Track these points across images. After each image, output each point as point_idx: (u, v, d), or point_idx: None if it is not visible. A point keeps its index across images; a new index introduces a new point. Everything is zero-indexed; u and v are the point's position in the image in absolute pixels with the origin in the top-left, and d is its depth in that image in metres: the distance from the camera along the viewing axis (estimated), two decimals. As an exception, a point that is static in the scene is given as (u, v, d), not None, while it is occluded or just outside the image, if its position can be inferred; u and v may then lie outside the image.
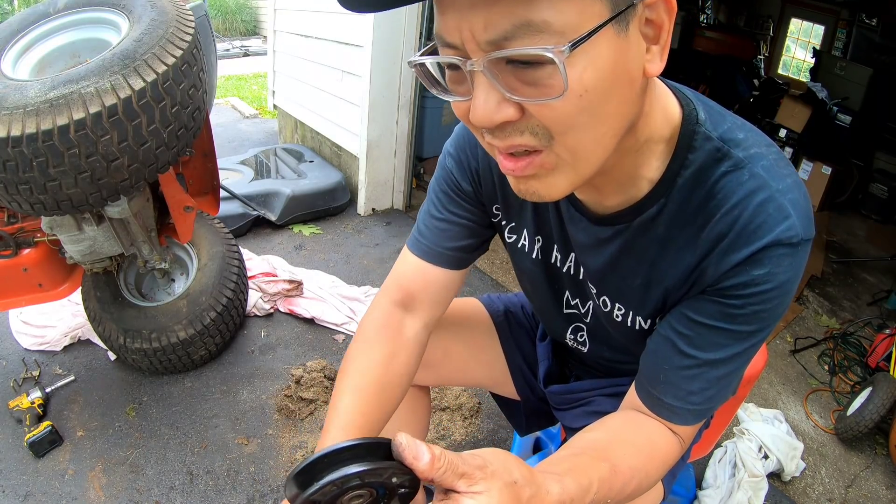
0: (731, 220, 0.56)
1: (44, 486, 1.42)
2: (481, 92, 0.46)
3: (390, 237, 2.93)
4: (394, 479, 0.43)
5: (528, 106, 0.46)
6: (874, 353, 2.28)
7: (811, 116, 4.11)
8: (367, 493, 0.43)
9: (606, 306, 0.74)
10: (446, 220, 0.79)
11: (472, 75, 0.46)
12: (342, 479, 0.40)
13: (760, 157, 0.56)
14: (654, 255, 0.64)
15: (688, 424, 0.66)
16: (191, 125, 1.26)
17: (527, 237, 0.78)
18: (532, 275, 0.82)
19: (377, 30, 2.68)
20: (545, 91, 0.44)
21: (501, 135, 0.49)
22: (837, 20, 5.19)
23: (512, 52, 0.42)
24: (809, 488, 1.69)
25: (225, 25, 10.74)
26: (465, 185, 0.77)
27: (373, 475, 0.41)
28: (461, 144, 0.77)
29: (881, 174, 4.21)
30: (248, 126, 5.04)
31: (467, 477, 0.43)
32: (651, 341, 0.68)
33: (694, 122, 0.58)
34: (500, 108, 0.46)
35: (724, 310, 0.59)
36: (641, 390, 0.68)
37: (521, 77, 0.44)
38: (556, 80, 0.43)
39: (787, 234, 0.54)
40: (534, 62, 0.43)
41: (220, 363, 1.89)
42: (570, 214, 0.69)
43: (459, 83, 0.49)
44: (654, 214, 0.62)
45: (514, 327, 1.07)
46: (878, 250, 3.62)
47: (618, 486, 0.57)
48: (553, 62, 0.42)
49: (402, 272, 0.84)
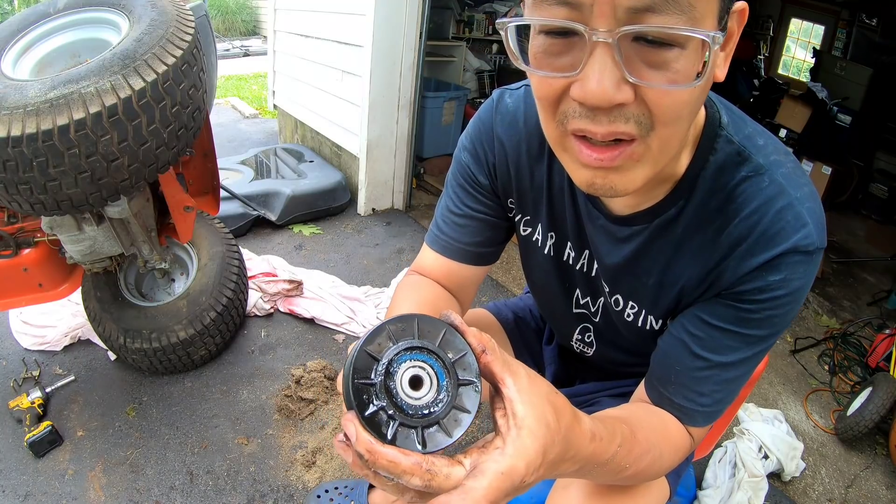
0: (751, 225, 0.56)
1: (44, 486, 1.42)
2: (601, 68, 0.41)
3: (390, 237, 2.93)
4: (449, 354, 0.43)
5: (646, 91, 0.43)
6: (874, 354, 2.28)
7: (811, 116, 4.11)
8: (424, 368, 0.43)
9: (619, 305, 0.74)
10: (465, 216, 0.78)
11: (592, 47, 0.41)
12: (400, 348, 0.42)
13: (780, 165, 0.57)
14: (670, 255, 0.64)
15: (696, 425, 0.67)
16: (191, 125, 1.26)
17: (541, 232, 0.78)
18: (543, 270, 0.82)
19: (377, 30, 2.68)
20: (671, 77, 0.42)
21: (606, 119, 0.44)
22: (837, 20, 5.19)
23: (662, 28, 0.39)
24: (809, 488, 1.69)
25: (225, 25, 10.74)
26: (482, 178, 0.77)
27: (424, 344, 0.43)
28: (477, 138, 0.76)
29: (881, 174, 4.22)
30: (248, 126, 5.04)
31: (512, 373, 0.43)
32: (663, 342, 0.68)
33: (717, 125, 0.58)
34: (620, 89, 0.42)
35: (738, 314, 0.59)
36: (651, 390, 0.69)
37: (647, 57, 0.41)
38: (682, 65, 0.41)
39: (804, 242, 0.55)
40: (667, 43, 0.40)
41: (220, 363, 1.89)
42: (587, 211, 0.69)
43: (558, 54, 0.44)
44: (673, 216, 0.62)
45: (525, 332, 1.06)
46: (878, 250, 3.62)
47: (636, 452, 0.56)
48: (683, 47, 0.40)
49: (423, 268, 0.82)
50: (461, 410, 0.42)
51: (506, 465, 0.40)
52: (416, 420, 0.41)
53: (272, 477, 1.50)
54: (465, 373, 0.43)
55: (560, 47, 0.44)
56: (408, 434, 0.41)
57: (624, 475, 0.56)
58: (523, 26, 0.45)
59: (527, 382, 0.44)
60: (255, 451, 1.57)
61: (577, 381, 1.02)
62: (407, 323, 0.44)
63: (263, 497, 1.44)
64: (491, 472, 0.40)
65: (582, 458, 0.48)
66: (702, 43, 0.41)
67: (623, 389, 0.92)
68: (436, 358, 0.43)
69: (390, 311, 0.73)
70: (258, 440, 1.61)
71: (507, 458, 0.40)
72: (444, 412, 0.42)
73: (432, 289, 0.78)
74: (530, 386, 0.44)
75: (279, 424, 1.67)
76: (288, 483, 1.48)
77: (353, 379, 0.41)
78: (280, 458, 1.56)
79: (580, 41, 0.42)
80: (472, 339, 0.44)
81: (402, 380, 0.42)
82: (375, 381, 0.41)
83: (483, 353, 0.43)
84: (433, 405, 0.42)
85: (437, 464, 0.39)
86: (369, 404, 0.41)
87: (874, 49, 4.62)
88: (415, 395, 0.42)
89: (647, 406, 0.68)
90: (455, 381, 0.43)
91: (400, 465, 0.38)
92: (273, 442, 1.61)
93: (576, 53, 0.43)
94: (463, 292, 0.82)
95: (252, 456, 1.56)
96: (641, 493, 0.71)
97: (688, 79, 0.42)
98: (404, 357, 0.43)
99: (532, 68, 0.46)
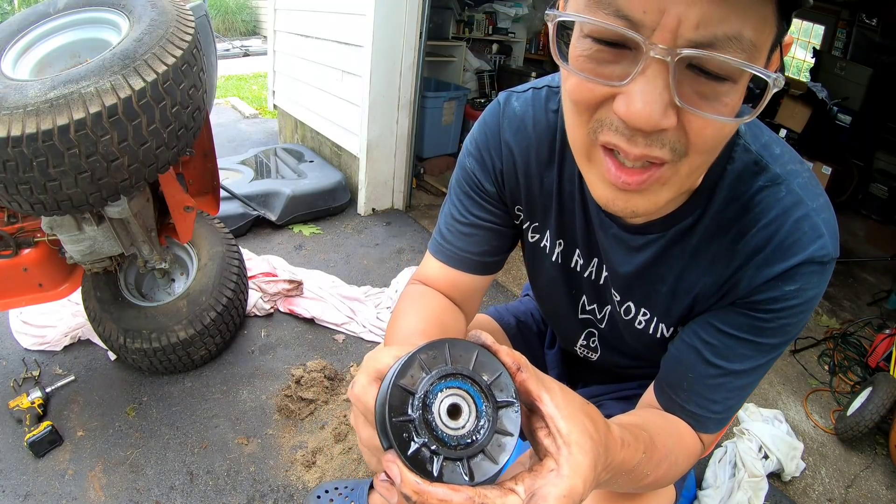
0: (769, 235, 0.56)
1: (44, 486, 1.42)
2: (652, 87, 0.40)
3: (390, 237, 2.93)
4: (484, 376, 0.41)
5: (690, 119, 0.42)
6: (874, 353, 2.28)
7: (811, 116, 4.11)
8: (461, 395, 0.41)
9: (629, 313, 0.73)
10: (470, 224, 0.76)
11: (647, 63, 0.39)
12: (437, 375, 0.40)
13: (796, 175, 0.57)
14: (685, 264, 0.64)
15: (708, 432, 0.66)
16: (191, 125, 1.26)
17: (549, 239, 0.77)
18: (550, 277, 0.81)
19: (377, 30, 2.68)
20: (719, 109, 0.41)
21: (643, 141, 0.43)
22: (837, 20, 5.18)
23: (727, 59, 0.38)
24: (809, 488, 1.69)
25: (225, 25, 10.74)
26: (488, 185, 0.74)
27: (459, 369, 0.41)
28: (483, 143, 0.73)
29: (881, 174, 4.22)
30: (248, 126, 5.04)
31: (547, 389, 0.42)
32: (675, 348, 0.67)
33: (735, 133, 0.58)
34: (667, 114, 0.41)
35: (752, 322, 0.59)
36: (662, 395, 0.68)
37: (698, 87, 0.41)
38: (732, 99, 0.41)
39: (820, 253, 0.55)
40: (721, 76, 0.40)
41: (220, 363, 1.89)
42: (600, 220, 0.68)
43: (607, 63, 0.43)
44: (689, 225, 0.61)
45: (527, 337, 1.05)
46: (878, 250, 3.62)
47: (656, 458, 0.55)
48: (736, 81, 0.40)
49: (427, 277, 0.80)
50: (504, 434, 0.40)
51: (566, 486, 0.39)
52: (459, 451, 0.39)
53: (272, 477, 1.50)
54: (502, 394, 0.41)
55: (609, 56, 0.42)
56: (453, 468, 0.39)
57: (644, 482, 0.56)
58: (565, 24, 0.44)
59: (562, 397, 0.42)
60: (255, 451, 1.57)
61: (580, 384, 1.02)
62: (438, 350, 0.41)
63: (263, 497, 1.44)
64: (553, 497, 0.38)
65: (615, 466, 0.47)
66: (752, 77, 0.40)
67: (626, 392, 0.92)
68: (471, 383, 0.41)
69: (393, 323, 0.71)
70: (258, 440, 1.61)
71: (565, 479, 0.39)
72: (487, 439, 0.39)
73: (437, 300, 0.76)
74: (566, 400, 0.42)
75: (279, 424, 1.67)
76: (288, 483, 1.48)
77: (391, 417, 0.39)
78: (280, 458, 1.56)
79: (633, 55, 0.41)
80: (507, 358, 0.42)
81: (440, 411, 0.40)
82: (413, 416, 0.39)
83: (518, 371, 0.42)
84: (475, 433, 0.40)
85: (490, 496, 0.38)
86: (410, 442, 0.39)
87: (874, 49, 4.62)
88: (455, 424, 0.40)
89: (660, 413, 0.68)
90: (494, 404, 0.41)
91: (451, 503, 0.37)
92: (273, 442, 1.61)
93: (626, 65, 0.42)
94: (468, 302, 0.80)
95: (252, 456, 1.56)
96: (648, 499, 0.71)
97: (734, 112, 0.42)
98: (439, 386, 0.40)
99: (573, 69, 0.44)
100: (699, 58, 0.39)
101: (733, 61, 0.38)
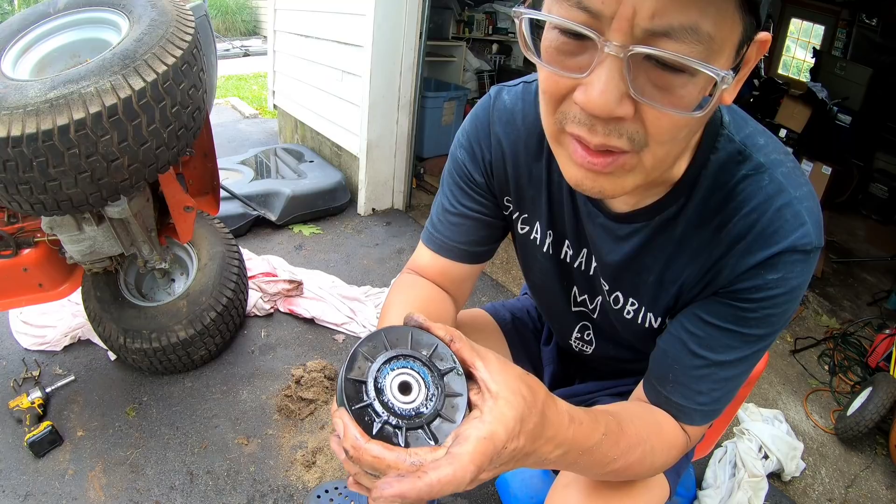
0: (750, 223, 0.57)
1: (44, 486, 1.42)
2: (606, 79, 0.41)
3: (390, 237, 2.93)
4: (423, 351, 0.47)
5: (646, 110, 0.43)
6: (874, 353, 2.28)
7: (811, 116, 4.11)
8: (408, 373, 0.46)
9: (618, 303, 0.74)
10: (460, 215, 0.78)
11: (603, 57, 0.41)
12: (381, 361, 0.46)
13: (780, 164, 0.57)
14: (670, 253, 0.64)
15: (694, 424, 0.67)
16: (191, 125, 1.26)
17: (539, 230, 0.78)
18: (542, 269, 0.82)
19: (377, 30, 2.68)
20: (675, 101, 0.42)
21: (603, 130, 0.45)
22: (837, 20, 5.18)
23: (676, 57, 0.39)
24: (809, 488, 1.69)
25: (225, 25, 10.74)
26: (477, 176, 0.76)
27: (404, 351, 0.47)
28: (474, 135, 0.75)
29: (881, 174, 4.21)
30: (248, 126, 5.04)
31: (482, 357, 0.47)
32: (662, 341, 0.68)
33: (718, 124, 0.59)
34: (622, 103, 0.42)
35: (736, 312, 0.60)
36: (650, 389, 0.69)
37: (655, 78, 0.42)
38: (688, 91, 0.42)
39: (802, 241, 0.55)
40: (677, 68, 0.41)
41: (220, 363, 1.89)
42: (587, 210, 0.69)
43: (570, 55, 0.45)
44: (673, 214, 0.62)
45: (522, 333, 1.06)
46: (878, 250, 3.62)
47: (623, 444, 0.56)
48: (693, 74, 0.41)
49: (418, 266, 0.82)
50: (454, 395, 0.45)
51: (486, 430, 0.42)
52: (418, 420, 0.44)
53: (272, 477, 1.50)
54: (443, 363, 0.47)
55: (573, 47, 0.44)
56: (417, 435, 0.43)
57: (613, 467, 0.57)
58: (537, 19, 0.45)
59: (497, 364, 0.46)
60: (255, 451, 1.57)
61: (576, 381, 1.02)
62: (376, 339, 0.47)
63: (263, 497, 1.44)
64: (473, 438, 0.41)
65: (563, 440, 0.49)
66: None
67: (621, 389, 0.92)
68: (413, 360, 0.46)
69: (385, 310, 0.74)
70: (258, 440, 1.61)
71: (487, 424, 0.42)
72: (440, 403, 0.44)
73: (427, 287, 0.78)
74: (501, 367, 0.46)
75: (279, 424, 1.67)
76: (288, 483, 1.48)
77: (350, 407, 0.43)
78: (280, 458, 1.56)
79: (593, 46, 0.42)
80: (440, 332, 0.47)
81: (392, 390, 0.45)
82: (369, 400, 0.44)
83: (451, 342, 0.47)
84: (428, 401, 0.45)
85: (420, 452, 0.41)
86: (372, 424, 0.43)
87: (874, 49, 4.62)
88: (408, 399, 0.45)
89: (640, 403, 0.68)
90: (438, 372, 0.46)
91: (384, 460, 0.40)
92: (273, 442, 1.61)
93: (587, 57, 0.43)
94: (458, 290, 0.83)
95: (252, 456, 1.56)
96: (640, 492, 0.71)
97: (691, 105, 0.43)
98: (385, 370, 0.45)
99: (542, 62, 0.46)
100: (650, 55, 0.40)
101: (679, 58, 0.39)
